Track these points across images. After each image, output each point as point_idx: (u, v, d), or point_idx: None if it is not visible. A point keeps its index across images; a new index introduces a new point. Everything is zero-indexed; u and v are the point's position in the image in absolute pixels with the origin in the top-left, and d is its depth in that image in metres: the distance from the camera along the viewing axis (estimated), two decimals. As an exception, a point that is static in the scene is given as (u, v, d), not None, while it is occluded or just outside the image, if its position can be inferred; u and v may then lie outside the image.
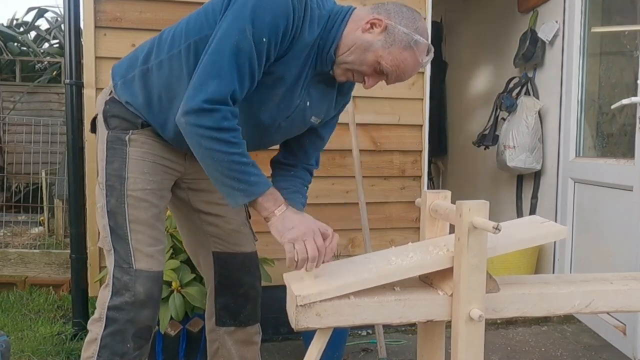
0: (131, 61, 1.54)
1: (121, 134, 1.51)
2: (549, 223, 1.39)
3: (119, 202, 1.48)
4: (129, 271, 1.47)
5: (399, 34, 1.32)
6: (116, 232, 1.48)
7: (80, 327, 2.59)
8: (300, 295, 1.19)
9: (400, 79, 1.40)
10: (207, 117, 1.28)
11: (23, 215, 4.81)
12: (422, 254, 1.30)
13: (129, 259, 1.47)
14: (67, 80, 2.51)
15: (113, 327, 1.46)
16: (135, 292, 1.46)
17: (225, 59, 1.29)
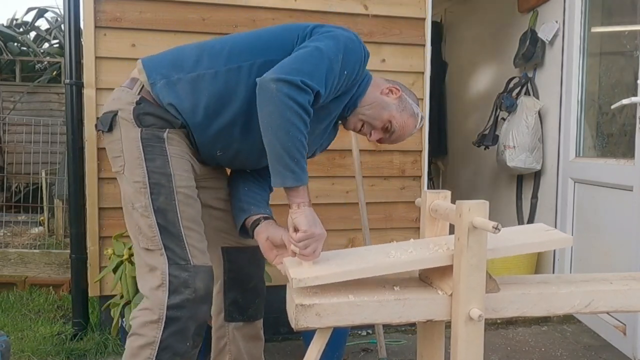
0: (174, 63, 1.53)
1: (158, 132, 1.49)
2: (554, 231, 1.39)
3: (168, 200, 1.46)
4: (187, 267, 1.45)
5: (408, 103, 1.62)
6: (168, 230, 1.45)
7: (80, 327, 2.59)
8: (296, 278, 1.20)
9: (398, 139, 1.65)
10: (300, 93, 1.33)
11: (23, 215, 4.81)
12: (422, 250, 1.31)
13: (185, 255, 1.46)
14: (67, 80, 2.52)
15: (175, 326, 1.43)
16: (196, 288, 1.45)
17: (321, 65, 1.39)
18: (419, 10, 2.73)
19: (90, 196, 2.46)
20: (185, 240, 1.47)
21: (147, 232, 1.46)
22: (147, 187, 1.46)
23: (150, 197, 1.46)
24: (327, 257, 1.34)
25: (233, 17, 2.53)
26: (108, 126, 1.51)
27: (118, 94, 1.55)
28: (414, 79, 2.76)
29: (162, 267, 1.44)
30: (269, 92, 1.34)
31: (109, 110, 1.53)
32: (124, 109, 1.50)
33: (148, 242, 1.47)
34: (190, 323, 1.46)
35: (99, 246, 2.49)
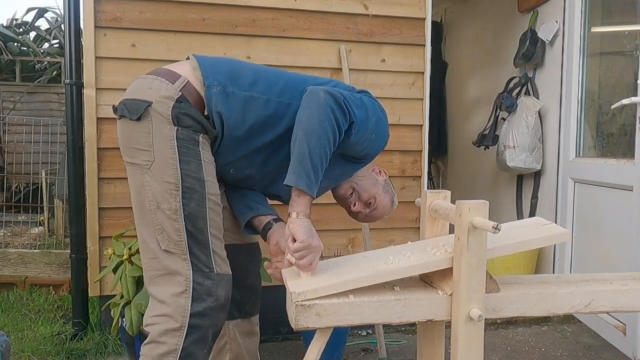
0: (232, 76, 1.51)
1: (193, 134, 1.45)
2: (552, 225, 1.39)
3: (199, 206, 1.43)
4: (211, 275, 1.43)
5: (390, 188, 1.77)
6: (195, 237, 1.43)
7: (80, 327, 2.59)
8: (295, 292, 1.20)
9: (374, 218, 1.73)
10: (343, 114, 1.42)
11: (23, 215, 4.80)
12: (420, 253, 1.31)
13: (210, 263, 1.44)
14: (67, 80, 2.52)
15: (196, 334, 1.42)
16: (218, 296, 1.44)
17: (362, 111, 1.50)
18: (419, 10, 2.73)
19: (90, 196, 2.46)
20: (211, 248, 1.45)
21: (173, 235, 1.42)
22: (179, 190, 1.41)
23: (182, 201, 1.42)
24: (324, 267, 1.34)
25: (233, 17, 2.53)
26: (138, 115, 1.42)
27: (155, 84, 1.46)
28: (414, 79, 2.76)
29: (186, 273, 1.41)
30: (317, 98, 1.39)
31: (141, 98, 1.44)
32: (161, 103, 1.43)
33: (171, 245, 1.43)
34: (210, 331, 1.45)
35: (99, 246, 2.49)
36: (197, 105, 1.46)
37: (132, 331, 2.00)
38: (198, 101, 1.47)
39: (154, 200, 1.43)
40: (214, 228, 1.47)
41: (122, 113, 1.47)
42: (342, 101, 1.41)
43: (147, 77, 1.49)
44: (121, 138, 1.51)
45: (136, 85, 1.50)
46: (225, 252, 1.51)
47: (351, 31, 2.66)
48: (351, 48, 2.66)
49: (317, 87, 1.43)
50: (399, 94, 2.75)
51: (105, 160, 2.46)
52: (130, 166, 1.50)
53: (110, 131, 2.45)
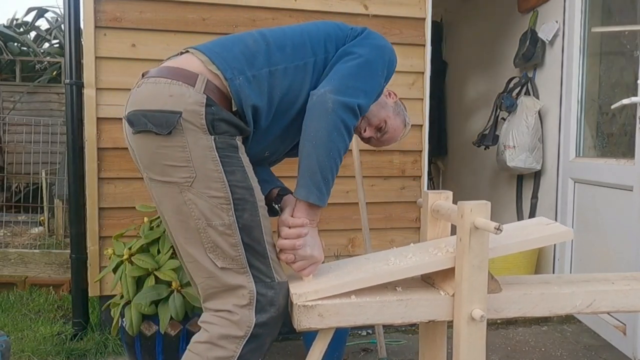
0: (247, 57, 1.39)
1: (230, 140, 1.35)
2: (555, 224, 1.39)
3: (253, 216, 1.36)
4: (273, 285, 1.37)
5: (401, 109, 1.72)
6: (253, 248, 1.36)
7: (80, 327, 2.58)
8: (297, 294, 1.20)
9: (386, 141, 1.70)
10: (352, 118, 1.37)
11: (23, 215, 4.80)
12: (421, 254, 1.30)
13: (270, 273, 1.37)
14: (67, 80, 2.51)
15: (255, 343, 1.37)
16: (280, 305, 1.38)
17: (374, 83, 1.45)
18: (419, 10, 2.73)
19: (90, 196, 2.46)
20: (269, 257, 1.39)
21: (230, 251, 1.34)
22: (230, 204, 1.32)
23: (235, 213, 1.33)
24: (326, 269, 1.34)
25: (233, 17, 2.53)
26: (169, 129, 1.29)
27: (174, 89, 1.32)
28: (414, 79, 2.76)
29: (249, 285, 1.35)
30: (324, 108, 1.34)
31: (166, 109, 1.31)
32: (192, 112, 1.30)
33: (227, 261, 1.35)
34: (268, 339, 1.41)
35: (99, 246, 2.49)
36: (223, 104, 1.35)
37: (132, 331, 2.00)
38: (222, 99, 1.35)
39: (202, 217, 1.33)
40: (269, 235, 1.40)
41: (146, 127, 1.32)
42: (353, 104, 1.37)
43: (159, 82, 1.35)
44: (145, 154, 1.37)
45: (151, 93, 1.35)
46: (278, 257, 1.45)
47: (351, 31, 2.66)
48: (351, 48, 2.65)
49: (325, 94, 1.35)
50: (399, 94, 2.69)
51: (105, 160, 2.46)
52: (162, 185, 1.37)
53: (110, 131, 2.45)
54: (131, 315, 1.99)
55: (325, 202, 1.37)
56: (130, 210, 2.46)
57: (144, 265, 2.04)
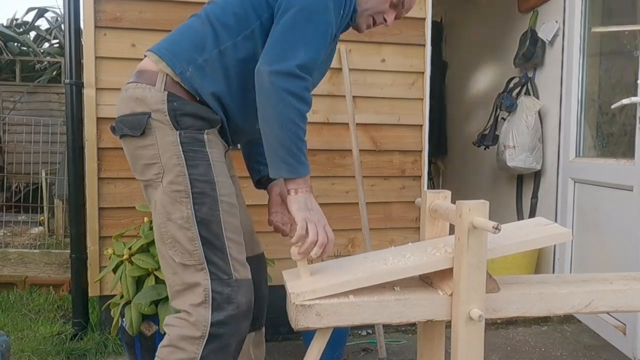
0: (195, 44, 1.41)
1: (197, 134, 1.37)
2: (553, 225, 1.39)
3: (212, 210, 1.36)
4: (230, 282, 1.36)
5: None
6: (211, 243, 1.35)
7: (80, 327, 2.59)
8: (294, 293, 1.20)
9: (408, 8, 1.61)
10: (295, 83, 1.31)
11: (23, 215, 4.80)
12: (419, 254, 1.30)
13: (228, 269, 1.36)
14: (67, 80, 2.52)
15: (216, 343, 1.35)
16: (239, 303, 1.36)
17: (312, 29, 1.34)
18: (419, 10, 2.73)
19: (90, 196, 2.46)
20: (228, 253, 1.37)
21: (188, 245, 1.35)
22: (189, 197, 1.34)
23: (193, 207, 1.35)
24: (324, 268, 1.34)
25: (233, 17, 2.53)
26: (141, 130, 1.36)
27: (139, 92, 1.39)
28: (414, 79, 2.76)
29: (205, 283, 1.35)
30: (262, 85, 1.32)
31: (136, 111, 1.38)
32: (157, 110, 1.36)
33: (186, 257, 1.36)
34: (232, 340, 1.38)
35: (99, 246, 2.49)
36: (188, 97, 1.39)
37: (132, 331, 2.00)
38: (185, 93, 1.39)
39: (164, 212, 1.37)
40: (230, 231, 1.39)
41: (122, 132, 1.41)
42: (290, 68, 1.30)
43: (127, 88, 1.42)
44: (128, 157, 1.45)
45: (122, 99, 1.43)
46: (244, 256, 1.43)
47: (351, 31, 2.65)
48: (351, 48, 2.66)
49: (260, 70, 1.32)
50: (399, 94, 2.75)
51: (105, 160, 2.46)
52: (145, 185, 1.44)
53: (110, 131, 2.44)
54: (131, 315, 1.99)
55: (301, 171, 1.34)
56: (130, 210, 2.46)
57: (144, 265, 2.04)
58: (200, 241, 1.35)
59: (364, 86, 2.69)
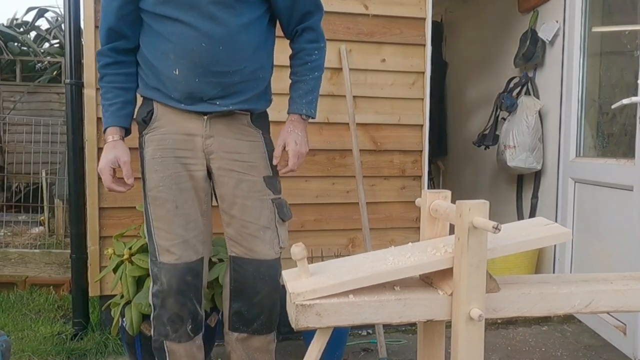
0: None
1: (140, 139, 1.71)
2: (554, 225, 1.38)
3: (145, 203, 1.68)
4: (156, 263, 1.66)
5: None
6: (147, 229, 1.68)
7: (80, 327, 2.59)
8: (295, 293, 1.20)
9: None
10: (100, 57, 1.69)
11: (23, 215, 4.80)
12: (420, 254, 1.30)
13: (155, 253, 1.67)
14: (67, 80, 2.52)
15: (155, 310, 1.70)
16: (162, 281, 1.65)
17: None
18: (419, 10, 2.73)
19: (91, 196, 2.46)
20: (155, 239, 1.66)
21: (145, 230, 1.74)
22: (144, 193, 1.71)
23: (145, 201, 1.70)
24: (324, 268, 1.34)
25: (233, 17, 2.52)
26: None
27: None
28: (415, 79, 2.76)
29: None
30: None
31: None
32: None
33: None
34: (162, 311, 1.67)
35: (99, 246, 2.49)
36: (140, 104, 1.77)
37: (133, 331, 2.00)
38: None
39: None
40: (157, 220, 1.66)
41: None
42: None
43: None
44: None
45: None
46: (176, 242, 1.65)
47: (351, 31, 2.66)
48: (351, 48, 2.66)
49: None
50: (399, 94, 2.75)
51: (106, 160, 2.46)
52: None
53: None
54: (131, 315, 1.99)
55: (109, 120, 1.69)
56: (130, 210, 2.46)
57: (144, 265, 2.04)
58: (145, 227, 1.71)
59: (364, 86, 2.70)
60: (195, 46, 1.54)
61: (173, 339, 1.68)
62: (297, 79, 1.75)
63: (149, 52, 1.62)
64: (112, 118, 1.65)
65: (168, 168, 1.63)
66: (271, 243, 1.69)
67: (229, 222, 1.69)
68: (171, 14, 1.54)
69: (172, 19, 1.54)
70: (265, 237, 1.68)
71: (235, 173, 1.66)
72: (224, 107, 1.61)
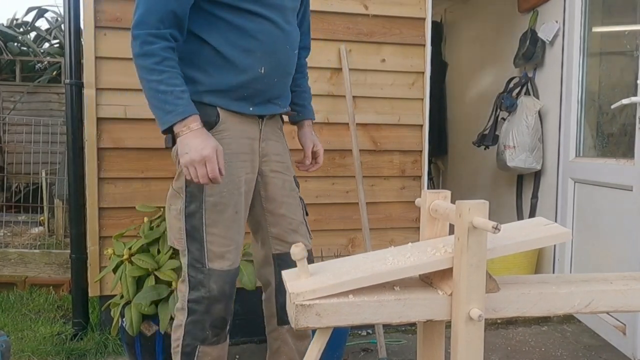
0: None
1: None
2: (553, 225, 1.38)
3: (198, 207, 1.56)
4: (203, 270, 1.59)
5: None
6: (192, 235, 1.58)
7: (80, 327, 2.59)
8: (294, 293, 1.20)
9: None
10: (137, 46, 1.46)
11: (23, 215, 4.80)
12: (419, 254, 1.30)
13: (202, 259, 1.58)
14: (67, 80, 2.52)
15: (193, 316, 1.61)
16: (210, 288, 1.59)
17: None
18: (419, 10, 2.73)
19: (90, 196, 2.46)
20: (206, 245, 1.58)
21: (176, 233, 1.60)
22: (183, 192, 1.57)
23: (185, 203, 1.57)
24: (324, 268, 1.34)
25: (233, 17, 2.52)
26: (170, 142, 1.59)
27: None
28: (414, 79, 2.76)
29: (185, 266, 1.61)
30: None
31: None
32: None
33: (174, 242, 1.62)
34: (205, 317, 1.60)
35: (99, 246, 2.49)
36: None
37: (132, 331, 2.00)
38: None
39: (168, 202, 1.63)
40: (213, 226, 1.58)
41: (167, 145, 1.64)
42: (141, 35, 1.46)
43: None
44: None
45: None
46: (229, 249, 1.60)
47: (351, 31, 2.66)
48: (351, 48, 2.66)
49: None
50: (399, 94, 2.75)
51: (105, 160, 2.46)
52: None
53: (110, 131, 2.45)
54: (131, 315, 2.00)
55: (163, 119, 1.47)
56: (130, 210, 2.46)
57: (144, 265, 2.04)
58: (184, 232, 1.58)
59: (364, 86, 2.70)
60: (282, 46, 1.61)
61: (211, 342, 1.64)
62: (301, 90, 1.89)
63: (223, 48, 1.53)
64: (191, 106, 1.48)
65: (232, 173, 1.59)
66: (306, 236, 1.80)
67: (276, 222, 1.74)
68: (260, 11, 1.54)
69: (260, 16, 1.55)
70: (302, 231, 1.77)
71: (280, 174, 1.74)
72: (284, 108, 1.74)
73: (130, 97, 2.43)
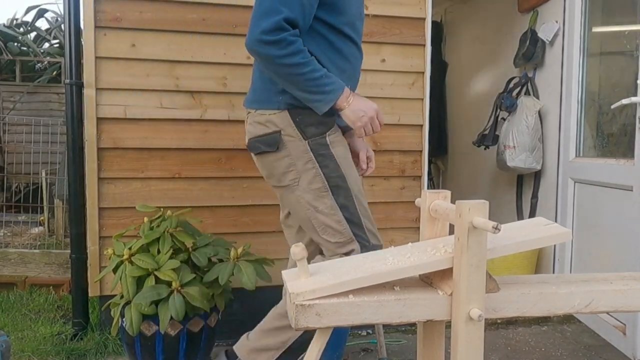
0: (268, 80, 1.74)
1: (321, 139, 1.68)
2: (553, 225, 1.38)
3: (347, 197, 1.70)
4: (369, 247, 1.70)
5: None
6: (352, 221, 1.70)
7: (80, 327, 2.59)
8: (294, 293, 1.20)
9: None
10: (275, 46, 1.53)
11: (23, 215, 4.80)
12: (419, 254, 1.30)
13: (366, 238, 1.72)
14: (67, 80, 2.52)
15: None
16: None
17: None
18: (419, 10, 2.73)
19: (90, 196, 2.46)
20: (364, 226, 1.73)
21: (337, 227, 1.69)
22: (328, 191, 1.67)
23: (333, 197, 1.68)
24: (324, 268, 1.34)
25: (233, 17, 2.53)
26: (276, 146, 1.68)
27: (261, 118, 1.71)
28: (414, 79, 2.76)
29: (357, 249, 1.70)
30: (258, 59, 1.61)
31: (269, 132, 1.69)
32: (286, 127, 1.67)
33: (339, 236, 1.69)
34: None
35: (99, 246, 2.49)
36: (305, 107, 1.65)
37: (132, 331, 2.00)
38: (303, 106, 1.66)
39: (311, 207, 1.69)
40: (362, 210, 1.73)
41: (260, 150, 1.73)
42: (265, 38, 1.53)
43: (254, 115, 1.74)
44: (266, 169, 1.78)
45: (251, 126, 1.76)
46: (375, 226, 1.79)
47: (351, 31, 2.66)
48: (351, 48, 2.65)
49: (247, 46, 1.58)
50: (399, 94, 2.75)
51: (105, 160, 2.46)
52: (280, 189, 1.77)
53: (110, 131, 2.45)
54: (131, 315, 1.99)
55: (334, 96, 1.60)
56: (130, 210, 2.46)
57: (144, 265, 2.04)
58: (345, 221, 1.69)
59: (364, 86, 2.68)
60: (359, 68, 1.84)
61: None
62: None
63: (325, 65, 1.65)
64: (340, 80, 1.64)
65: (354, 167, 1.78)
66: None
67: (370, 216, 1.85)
68: (353, 36, 1.74)
69: (353, 41, 1.74)
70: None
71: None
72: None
73: (130, 97, 2.43)
